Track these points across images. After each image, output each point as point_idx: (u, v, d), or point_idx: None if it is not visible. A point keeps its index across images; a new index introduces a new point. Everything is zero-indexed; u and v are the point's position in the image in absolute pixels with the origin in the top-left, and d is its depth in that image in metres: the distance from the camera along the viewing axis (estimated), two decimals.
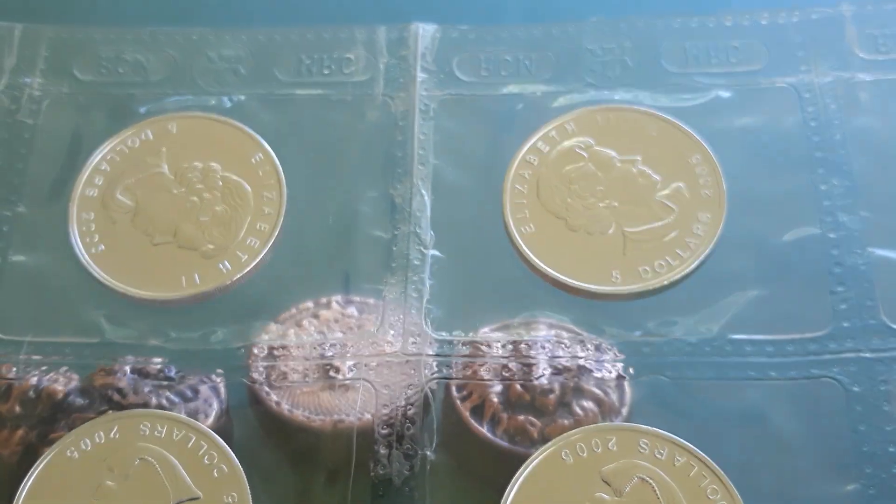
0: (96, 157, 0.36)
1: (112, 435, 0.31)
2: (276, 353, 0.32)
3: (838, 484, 0.30)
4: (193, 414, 0.32)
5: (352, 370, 0.32)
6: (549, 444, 0.30)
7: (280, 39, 0.38)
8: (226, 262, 0.34)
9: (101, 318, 0.33)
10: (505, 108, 0.37)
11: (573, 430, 0.30)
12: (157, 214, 0.35)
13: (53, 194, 0.35)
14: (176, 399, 0.32)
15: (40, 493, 0.30)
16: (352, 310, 0.34)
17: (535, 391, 0.32)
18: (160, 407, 0.31)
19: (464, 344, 0.32)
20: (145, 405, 0.31)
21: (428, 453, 0.30)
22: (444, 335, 0.32)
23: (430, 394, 0.31)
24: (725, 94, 0.37)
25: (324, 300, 0.34)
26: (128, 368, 0.32)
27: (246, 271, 0.33)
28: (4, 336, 0.33)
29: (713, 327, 0.33)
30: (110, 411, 0.31)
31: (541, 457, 0.30)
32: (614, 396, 0.32)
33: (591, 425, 0.30)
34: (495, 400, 0.32)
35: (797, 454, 0.31)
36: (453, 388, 0.32)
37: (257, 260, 0.34)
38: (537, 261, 0.33)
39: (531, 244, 0.34)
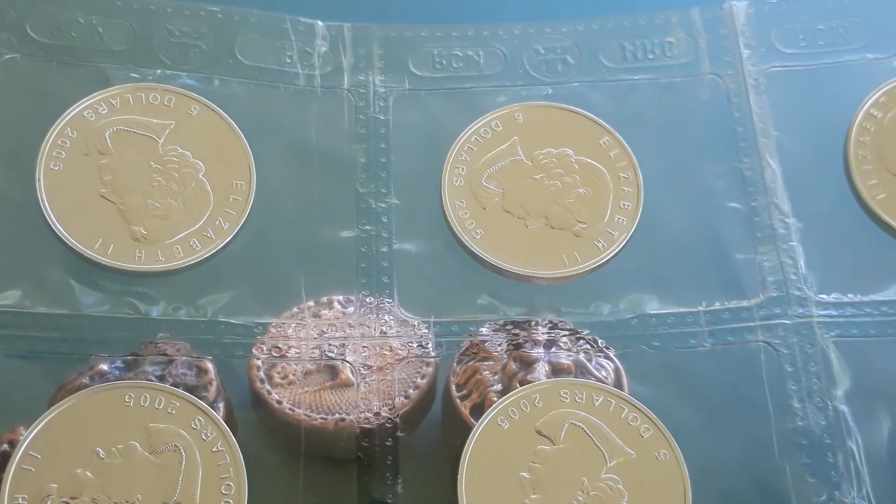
0: (454, 149, 0.38)
1: (535, 404, 0.34)
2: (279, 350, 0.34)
3: None
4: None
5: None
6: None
7: (598, 28, 0.41)
8: (600, 240, 0.37)
9: (493, 297, 0.36)
10: (831, 76, 0.39)
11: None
12: (525, 200, 0.37)
13: (420, 185, 0.38)
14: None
15: (482, 460, 0.32)
16: (351, 309, 0.36)
17: None
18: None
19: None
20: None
21: (839, 405, 0.33)
22: (825, 297, 0.35)
23: (829, 351, 0.33)
24: None
25: (325, 299, 0.36)
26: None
27: (620, 247, 0.36)
28: (412, 316, 0.36)
29: None
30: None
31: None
32: None
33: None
34: (495, 399, 0.33)
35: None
36: (453, 388, 0.34)
37: (629, 235, 0.36)
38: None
39: (886, 209, 0.36)
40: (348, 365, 0.34)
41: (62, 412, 0.31)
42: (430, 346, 0.34)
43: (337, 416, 0.33)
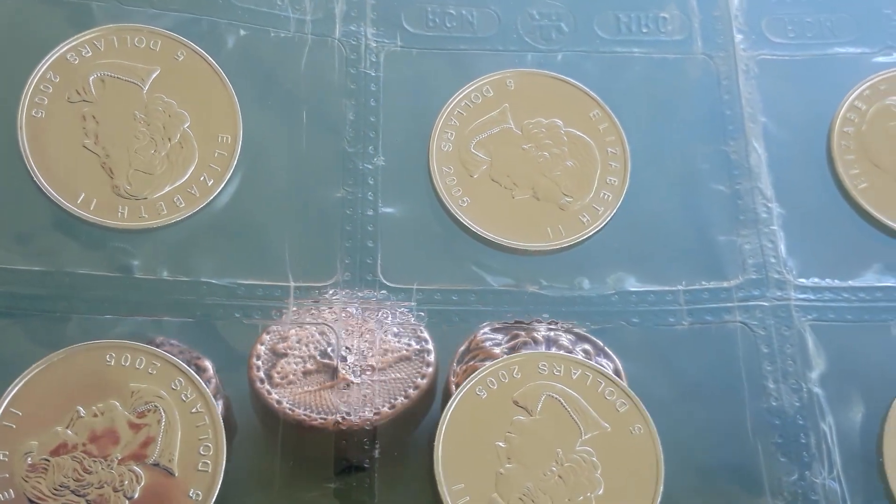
0: (444, 114, 0.38)
1: (514, 375, 0.34)
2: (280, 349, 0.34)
3: None
4: None
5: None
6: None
7: None
8: (585, 215, 0.37)
9: (477, 266, 0.36)
10: (817, 68, 0.39)
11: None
12: (512, 169, 0.37)
13: (408, 148, 0.37)
14: None
15: (459, 428, 0.33)
16: (353, 309, 0.35)
17: None
18: None
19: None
20: None
21: (813, 387, 0.33)
22: (804, 281, 0.36)
23: (805, 334, 0.34)
24: None
25: (325, 298, 0.36)
26: None
27: (605, 223, 0.36)
28: (392, 284, 0.36)
29: None
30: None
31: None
32: None
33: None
34: None
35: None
36: (453, 388, 0.34)
37: (613, 211, 0.36)
38: (878, 215, 0.36)
39: (868, 198, 0.37)
40: (348, 365, 0.34)
41: (44, 370, 0.31)
42: (412, 315, 0.35)
43: (337, 416, 0.33)
